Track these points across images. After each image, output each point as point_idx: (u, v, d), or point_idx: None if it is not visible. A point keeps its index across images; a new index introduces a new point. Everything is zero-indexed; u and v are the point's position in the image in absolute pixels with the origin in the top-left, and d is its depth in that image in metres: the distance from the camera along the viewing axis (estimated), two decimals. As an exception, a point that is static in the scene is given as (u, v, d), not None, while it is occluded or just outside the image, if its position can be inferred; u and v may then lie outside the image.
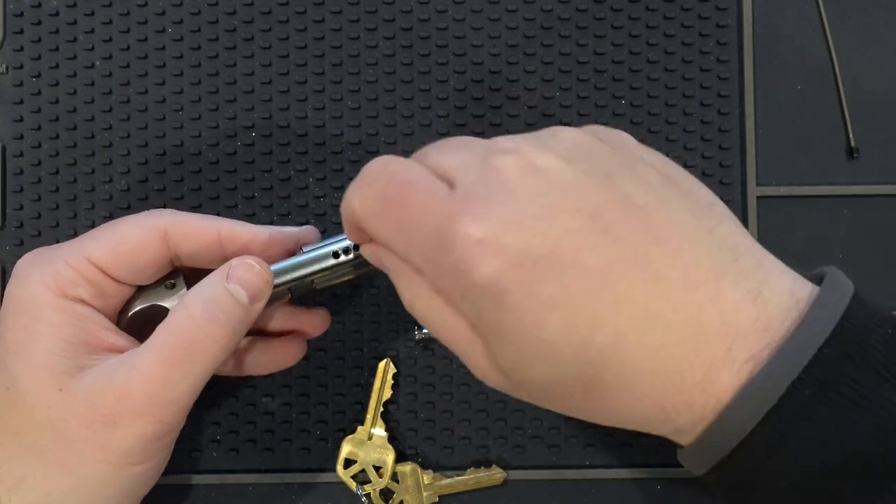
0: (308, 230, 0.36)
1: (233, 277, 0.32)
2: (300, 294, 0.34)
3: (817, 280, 0.28)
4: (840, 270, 0.29)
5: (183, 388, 0.31)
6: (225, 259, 0.33)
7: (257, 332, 0.37)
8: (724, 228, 0.28)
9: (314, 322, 0.37)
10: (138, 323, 0.34)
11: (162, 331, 0.31)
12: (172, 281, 0.34)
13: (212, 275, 0.32)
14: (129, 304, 0.34)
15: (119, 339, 0.33)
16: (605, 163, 0.28)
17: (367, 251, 0.32)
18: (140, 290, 0.34)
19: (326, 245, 0.34)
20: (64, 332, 0.31)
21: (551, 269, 0.26)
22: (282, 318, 0.37)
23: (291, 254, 0.34)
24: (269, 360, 0.37)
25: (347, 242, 0.33)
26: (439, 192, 0.28)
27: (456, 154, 0.29)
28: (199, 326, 0.31)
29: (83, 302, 0.32)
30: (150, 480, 0.33)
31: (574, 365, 0.27)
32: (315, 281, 0.34)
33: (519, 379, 0.28)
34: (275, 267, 0.33)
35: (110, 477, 0.31)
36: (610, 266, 0.26)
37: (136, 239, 0.33)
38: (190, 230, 0.33)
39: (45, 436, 0.31)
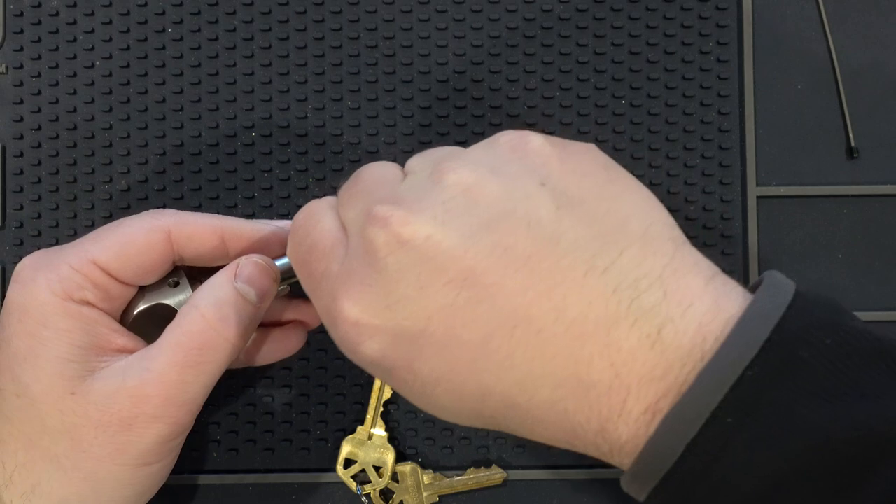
0: None
1: (241, 276, 0.32)
2: (301, 289, 0.34)
3: (756, 288, 0.26)
4: (780, 274, 0.27)
5: (197, 388, 0.31)
6: (228, 257, 0.33)
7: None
8: (626, 259, 0.26)
9: (313, 313, 0.37)
10: (143, 322, 0.34)
11: (175, 332, 0.31)
12: (175, 279, 0.34)
13: (220, 274, 0.33)
14: (133, 303, 0.34)
15: (127, 340, 0.33)
16: (488, 209, 0.26)
17: None
18: (143, 289, 0.34)
19: None
20: (73, 336, 0.31)
21: (429, 347, 0.26)
22: (281, 310, 0.37)
23: None
24: (269, 350, 0.37)
25: None
26: (333, 262, 0.28)
27: (353, 209, 0.29)
28: (213, 327, 0.31)
29: (90, 305, 0.32)
30: (163, 478, 0.34)
31: (477, 421, 0.28)
32: None
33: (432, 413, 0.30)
34: (280, 262, 0.34)
35: (127, 478, 0.31)
36: (488, 335, 0.26)
37: (140, 241, 0.33)
38: (194, 230, 0.33)
39: (59, 442, 0.31)
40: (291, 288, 0.34)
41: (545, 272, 0.25)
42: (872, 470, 0.23)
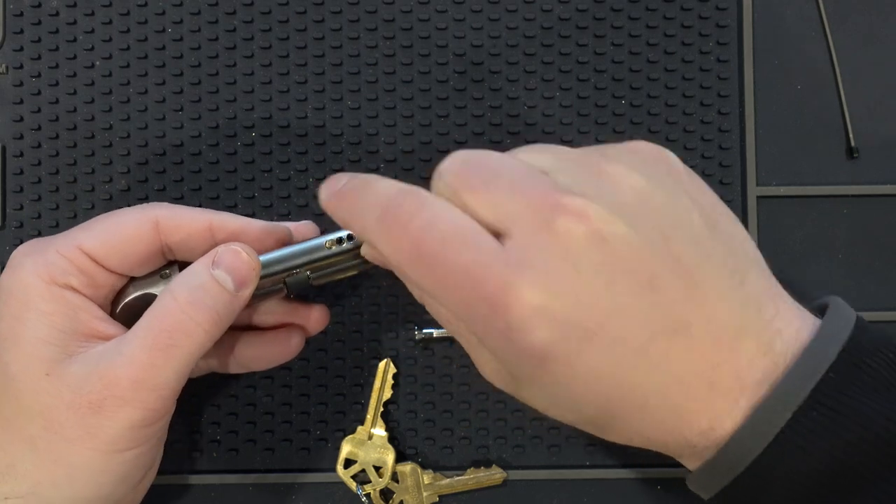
0: (305, 225, 0.36)
1: (219, 264, 0.32)
2: (297, 290, 0.34)
3: (821, 309, 0.30)
4: (841, 299, 0.31)
5: (168, 373, 0.31)
6: None
7: (255, 329, 0.37)
8: (752, 277, 0.29)
9: (313, 316, 0.37)
10: (132, 313, 0.34)
11: (147, 316, 0.31)
12: (167, 271, 0.34)
13: (198, 261, 0.32)
14: (123, 294, 0.34)
15: (111, 327, 0.33)
16: (662, 218, 0.28)
17: (370, 254, 0.32)
18: (134, 280, 0.34)
19: (321, 237, 0.34)
20: (54, 319, 0.32)
21: (598, 344, 0.27)
22: (279, 313, 0.37)
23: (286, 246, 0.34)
24: (268, 353, 0.37)
25: (342, 233, 0.33)
26: (484, 252, 0.27)
27: (511, 201, 0.28)
28: (184, 310, 0.31)
29: (74, 290, 0.32)
30: (141, 468, 0.33)
31: (593, 414, 0.29)
32: (311, 276, 0.34)
33: (531, 404, 0.30)
34: (266, 256, 0.33)
35: (99, 464, 0.31)
36: (651, 338, 0.27)
37: (127, 228, 0.33)
38: (181, 220, 0.33)
39: (34, 422, 0.31)
40: (288, 289, 0.34)
41: (701, 281, 0.28)
42: None
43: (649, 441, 0.30)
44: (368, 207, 0.29)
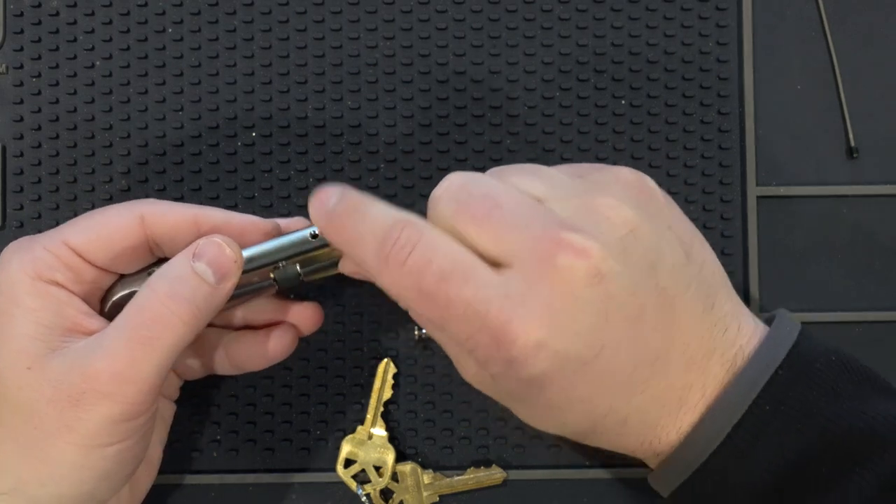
0: (296, 221, 0.36)
1: (199, 256, 0.32)
2: (287, 286, 0.34)
3: (769, 320, 0.33)
4: (788, 312, 0.33)
5: (148, 366, 0.31)
6: None
7: (248, 329, 0.37)
8: (721, 299, 0.31)
9: (305, 314, 0.37)
10: (120, 310, 0.34)
11: (127, 310, 0.31)
12: (155, 269, 0.34)
13: (179, 254, 0.32)
14: (111, 292, 0.34)
15: (96, 322, 0.33)
16: (649, 252, 0.30)
17: (349, 269, 0.33)
18: (122, 278, 0.34)
19: (306, 228, 0.33)
20: (40, 315, 0.31)
21: (590, 374, 0.29)
22: (271, 312, 0.37)
23: None
24: (261, 353, 0.36)
25: None
26: (485, 286, 0.28)
27: (513, 235, 0.29)
28: (162, 303, 0.31)
29: (60, 286, 0.32)
30: (125, 465, 0.32)
31: (576, 430, 0.32)
32: (301, 272, 0.33)
33: (516, 415, 0.33)
34: (250, 250, 0.33)
35: (80, 459, 0.31)
36: (636, 367, 0.30)
37: (112, 223, 0.33)
38: (166, 214, 0.33)
39: (15, 416, 0.31)
40: (278, 285, 0.34)
41: (682, 311, 0.30)
42: (865, 459, 0.29)
43: (623, 448, 0.33)
44: (364, 238, 0.30)
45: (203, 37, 0.40)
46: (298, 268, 0.33)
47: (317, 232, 0.33)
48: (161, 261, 0.35)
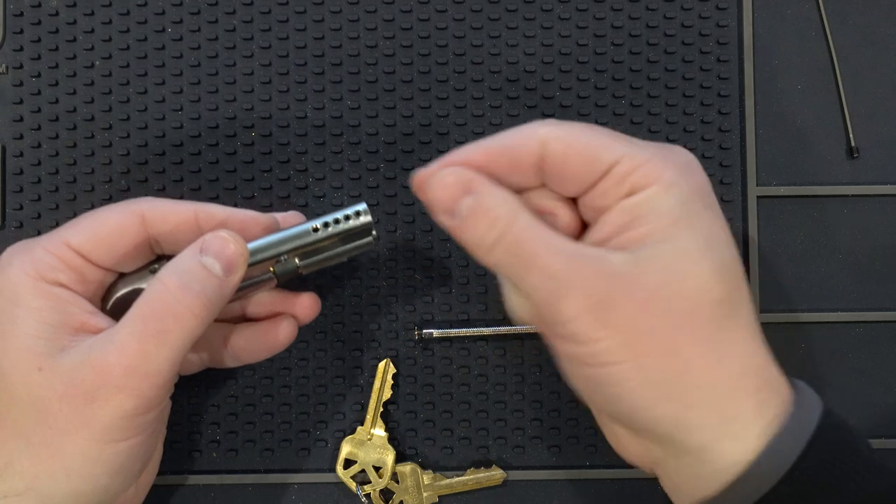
0: (292, 215, 0.36)
1: (207, 250, 0.32)
2: (286, 279, 0.34)
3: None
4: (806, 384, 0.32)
5: (160, 359, 0.31)
6: None
7: (246, 321, 0.37)
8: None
9: (303, 304, 0.37)
10: (122, 309, 0.34)
11: (138, 304, 0.31)
12: (156, 266, 0.34)
13: (186, 249, 0.33)
14: (113, 290, 0.34)
15: (102, 321, 0.33)
16: (723, 247, 0.30)
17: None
18: (124, 276, 0.35)
19: (307, 222, 0.34)
20: (43, 315, 0.32)
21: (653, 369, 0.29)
22: (270, 304, 0.37)
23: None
24: (260, 344, 0.36)
25: (328, 218, 0.33)
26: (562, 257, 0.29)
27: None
28: (174, 296, 0.31)
29: (63, 286, 0.32)
30: (138, 459, 0.33)
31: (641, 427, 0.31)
32: (299, 264, 0.34)
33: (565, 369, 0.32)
34: (254, 243, 0.33)
35: (95, 455, 0.31)
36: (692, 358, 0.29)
37: (112, 223, 0.33)
38: (167, 212, 0.33)
39: (27, 417, 0.31)
40: (277, 278, 0.34)
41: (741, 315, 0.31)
42: None
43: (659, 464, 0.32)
44: (487, 236, 0.30)
45: (202, 36, 0.40)
46: (297, 261, 0.34)
47: (318, 226, 0.33)
48: (161, 258, 0.35)
